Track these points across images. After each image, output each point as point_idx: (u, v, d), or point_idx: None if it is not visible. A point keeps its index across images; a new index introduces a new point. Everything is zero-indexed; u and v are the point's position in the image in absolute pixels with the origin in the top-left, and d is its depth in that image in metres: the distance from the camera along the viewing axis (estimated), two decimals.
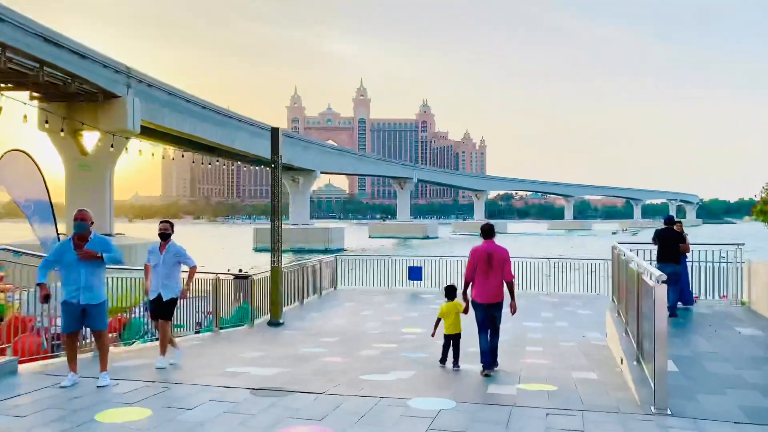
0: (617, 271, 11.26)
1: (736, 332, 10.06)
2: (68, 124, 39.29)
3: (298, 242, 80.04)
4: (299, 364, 8.68)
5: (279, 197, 15.73)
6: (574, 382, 7.51)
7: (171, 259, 8.36)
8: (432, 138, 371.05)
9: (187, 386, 6.81)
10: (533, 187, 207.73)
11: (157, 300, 8.26)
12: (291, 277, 18.10)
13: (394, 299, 19.33)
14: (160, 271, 8.24)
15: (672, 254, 11.30)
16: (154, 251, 8.37)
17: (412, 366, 8.67)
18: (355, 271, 23.38)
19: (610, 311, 11.54)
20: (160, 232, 8.39)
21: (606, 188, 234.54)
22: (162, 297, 8.24)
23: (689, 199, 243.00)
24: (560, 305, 18.18)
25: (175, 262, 8.40)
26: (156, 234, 8.57)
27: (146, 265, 8.47)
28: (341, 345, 11.08)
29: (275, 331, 13.86)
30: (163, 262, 8.27)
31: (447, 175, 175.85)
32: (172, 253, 8.40)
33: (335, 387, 6.91)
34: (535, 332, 13.61)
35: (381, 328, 14.08)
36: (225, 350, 10.36)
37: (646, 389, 6.40)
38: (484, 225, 8.58)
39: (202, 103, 54.65)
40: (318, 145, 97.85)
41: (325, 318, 16.23)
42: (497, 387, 7.12)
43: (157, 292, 8.23)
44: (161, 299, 8.25)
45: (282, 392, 6.61)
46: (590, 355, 10.18)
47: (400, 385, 7.13)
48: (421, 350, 10.54)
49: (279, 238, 15.51)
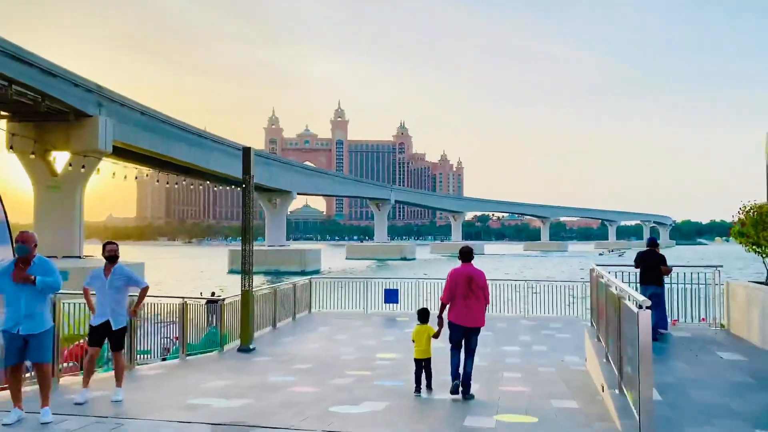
0: (596, 294, 11.01)
1: (718, 357, 9.83)
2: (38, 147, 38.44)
3: (274, 264, 79.07)
4: (266, 394, 8.22)
5: (251, 218, 15.29)
6: (555, 412, 7.18)
7: (118, 283, 7.82)
8: (409, 159, 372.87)
9: (142, 422, 6.31)
10: (509, 208, 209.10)
11: (104, 328, 7.68)
12: (263, 301, 17.59)
13: (370, 323, 18.88)
14: (108, 296, 7.68)
15: (654, 276, 11.10)
16: (98, 275, 7.78)
17: (386, 396, 8.26)
18: (330, 293, 22.91)
19: (589, 335, 11.26)
20: (108, 255, 7.83)
21: (581, 210, 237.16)
22: (111, 325, 7.68)
23: (663, 221, 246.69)
24: (538, 328, 17.91)
25: (124, 285, 7.88)
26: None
27: (85, 288, 7.98)
28: (313, 373, 10.62)
29: (245, 358, 13.32)
30: (109, 287, 7.71)
31: (424, 196, 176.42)
32: (120, 275, 7.86)
33: (302, 421, 6.47)
34: (513, 357, 13.30)
35: (355, 354, 13.64)
36: (189, 379, 9.83)
37: (630, 421, 6.07)
38: (464, 248, 8.54)
39: (176, 123, 53.98)
40: (295, 166, 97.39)
41: (298, 343, 15.73)
42: (475, 419, 6.75)
43: (103, 318, 7.66)
44: (109, 327, 7.68)
45: (245, 427, 6.16)
46: (570, 381, 9.87)
47: (371, 419, 6.71)
48: (395, 377, 10.13)
49: (250, 260, 15.04)
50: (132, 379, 9.72)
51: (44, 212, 40.75)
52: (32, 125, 39.10)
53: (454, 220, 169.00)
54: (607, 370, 8.30)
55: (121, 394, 7.53)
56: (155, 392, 8.44)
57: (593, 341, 10.60)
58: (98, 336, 7.64)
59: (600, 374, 8.73)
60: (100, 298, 7.64)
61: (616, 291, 7.84)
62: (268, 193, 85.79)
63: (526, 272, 74.25)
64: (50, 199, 40.87)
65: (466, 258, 8.38)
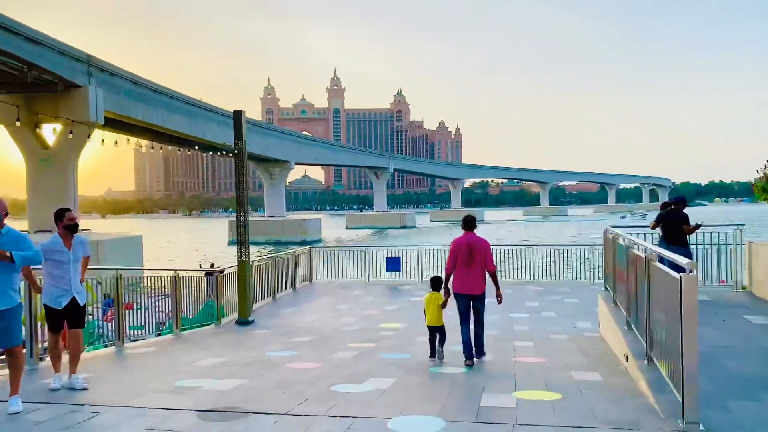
0: (612, 257, 10.33)
1: (746, 321, 9.19)
2: (27, 116, 37.33)
3: (275, 234, 78.60)
4: (263, 372, 7.58)
5: (244, 186, 14.53)
6: (578, 387, 6.53)
7: (79, 255, 6.97)
8: (407, 127, 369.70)
9: (121, 410, 5.65)
10: (509, 174, 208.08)
11: (71, 306, 6.82)
12: (262, 271, 16.99)
13: (372, 292, 18.29)
14: (72, 272, 6.80)
15: (678, 236, 10.37)
16: (59, 249, 6.76)
17: (392, 371, 7.62)
18: (331, 263, 22.35)
19: (604, 300, 10.63)
20: (70, 223, 6.87)
21: (580, 174, 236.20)
22: (78, 302, 6.86)
23: (662, 183, 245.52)
24: (545, 294, 17.36)
25: (81, 257, 7.04)
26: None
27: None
28: (313, 346, 9.99)
29: (243, 331, 12.73)
30: (73, 260, 6.84)
31: (423, 164, 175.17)
32: (81, 246, 6.99)
33: (301, 404, 5.82)
34: (523, 324, 12.72)
35: (358, 324, 13.05)
36: (181, 357, 9.19)
37: (666, 396, 5.43)
38: (466, 216, 8.58)
39: (170, 93, 52.69)
40: (292, 136, 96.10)
41: (298, 314, 15.15)
42: (492, 397, 6.09)
43: (69, 295, 6.78)
44: (76, 305, 6.85)
45: (236, 414, 5.50)
46: (586, 350, 9.27)
47: (378, 399, 6.06)
48: (401, 349, 9.52)
49: (246, 230, 14.35)
50: (119, 359, 9.10)
51: (37, 186, 39.87)
52: (21, 96, 37.93)
53: (453, 188, 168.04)
54: (632, 338, 7.65)
55: (80, 380, 6.66)
56: (141, 374, 7.79)
57: (610, 306, 9.98)
58: (61, 318, 6.81)
59: (622, 343, 8.09)
60: (59, 273, 6.73)
61: (644, 253, 7.16)
62: (265, 164, 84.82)
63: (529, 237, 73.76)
64: (43, 172, 39.94)
65: (469, 227, 8.40)
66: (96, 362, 8.60)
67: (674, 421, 4.94)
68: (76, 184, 41.72)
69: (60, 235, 6.86)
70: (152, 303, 13.93)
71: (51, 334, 6.97)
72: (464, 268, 8.18)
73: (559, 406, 5.69)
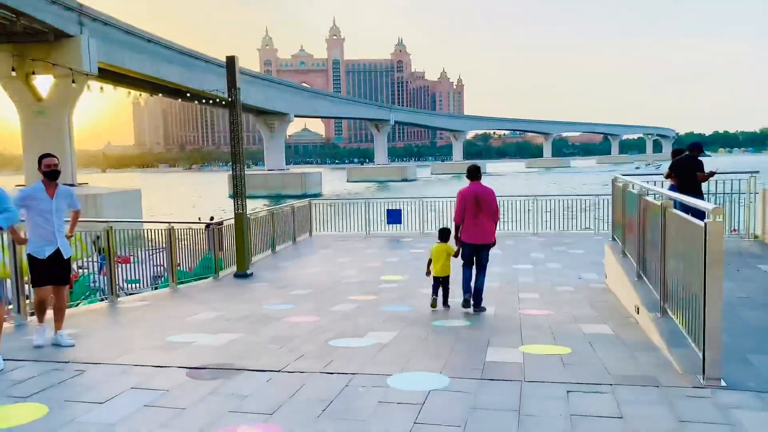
0: (621, 206, 9.94)
1: (761, 271, 8.86)
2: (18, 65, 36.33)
3: (275, 188, 78.25)
4: (259, 327, 7.29)
5: (240, 137, 14.04)
6: (588, 341, 6.23)
7: (64, 204, 6.52)
8: (408, 78, 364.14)
9: (107, 368, 5.35)
10: (511, 125, 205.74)
11: (54, 258, 6.40)
12: (261, 224, 16.69)
13: (373, 244, 18.00)
14: (55, 222, 6.37)
15: (692, 184, 9.90)
16: (41, 196, 6.32)
17: (393, 324, 7.33)
18: (331, 216, 22.03)
19: (611, 251, 10.29)
20: (49, 170, 6.41)
21: (584, 124, 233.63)
22: (62, 254, 6.45)
23: (665, 133, 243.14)
24: (549, 244, 17.07)
25: (66, 207, 6.62)
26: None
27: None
28: (312, 299, 9.72)
29: (241, 284, 12.47)
30: (56, 210, 6.39)
31: (424, 115, 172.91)
32: (65, 196, 6.54)
33: (297, 360, 5.52)
34: (527, 275, 12.44)
35: (358, 277, 12.77)
36: (175, 311, 8.92)
37: (683, 350, 5.12)
38: (471, 166, 8.55)
39: (164, 42, 51.40)
40: (292, 87, 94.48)
41: (298, 267, 14.88)
42: (497, 352, 5.79)
43: (53, 246, 6.37)
44: (60, 257, 6.43)
45: (229, 371, 5.20)
46: (593, 302, 8.98)
47: (378, 354, 5.76)
48: (402, 302, 9.24)
49: (242, 182, 13.94)
50: (111, 313, 8.82)
51: (32, 140, 39.28)
52: (11, 47, 36.94)
53: (455, 140, 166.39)
54: (643, 290, 7.33)
55: (66, 337, 6.34)
56: (132, 329, 7.51)
57: (618, 257, 9.64)
58: (44, 270, 6.35)
59: (632, 294, 7.78)
60: (42, 223, 6.31)
61: (659, 201, 6.76)
62: (264, 116, 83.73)
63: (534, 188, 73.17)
64: (38, 125, 39.30)
65: (474, 176, 8.38)
66: (87, 317, 8.32)
67: (694, 377, 4.64)
68: (72, 136, 41.10)
69: (42, 183, 6.44)
70: (149, 257, 13.64)
71: (34, 288, 6.60)
72: (472, 219, 8.22)
73: (568, 360, 5.39)
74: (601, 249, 14.42)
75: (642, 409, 4.09)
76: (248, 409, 4.25)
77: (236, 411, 4.23)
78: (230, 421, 4.05)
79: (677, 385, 4.55)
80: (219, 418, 4.10)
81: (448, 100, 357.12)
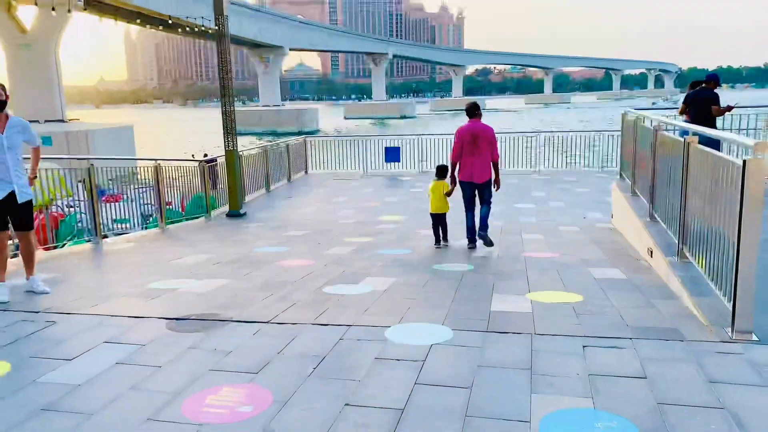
0: (632, 142, 9.38)
1: None
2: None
3: (271, 125, 76.98)
4: (248, 272, 6.86)
5: (228, 69, 13.27)
6: (600, 287, 5.81)
7: (17, 139, 5.67)
8: (407, 10, 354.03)
9: (80, 318, 4.93)
10: (512, 60, 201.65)
11: (10, 202, 5.65)
12: (255, 162, 16.13)
13: (371, 183, 17.49)
14: (8, 158, 5.54)
15: (706, 118, 9.32)
16: None
17: (391, 269, 6.90)
18: (327, 154, 21.44)
19: (619, 189, 9.81)
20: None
21: (585, 59, 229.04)
22: (16, 199, 5.69)
23: (668, 68, 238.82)
24: (552, 182, 16.60)
25: (21, 142, 5.75)
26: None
27: None
28: (307, 241, 9.28)
29: (233, 224, 12.03)
30: (8, 147, 5.56)
31: (423, 49, 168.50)
32: (18, 128, 5.67)
33: (287, 311, 5.10)
34: (529, 215, 12.02)
35: (355, 217, 12.33)
36: (161, 254, 8.48)
37: (707, 299, 4.70)
38: (469, 104, 8.36)
39: None
40: (286, 19, 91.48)
41: (293, 206, 14.43)
42: (504, 299, 5.37)
43: (8, 188, 5.59)
44: (13, 202, 5.68)
45: (213, 322, 4.79)
46: (600, 243, 8.56)
47: (375, 303, 5.34)
48: (401, 244, 8.80)
49: (232, 117, 13.28)
50: (94, 256, 8.38)
51: (19, 74, 38.05)
52: None
53: (454, 75, 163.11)
54: (657, 231, 6.87)
55: (39, 282, 5.78)
56: (113, 274, 7.07)
57: (626, 195, 9.18)
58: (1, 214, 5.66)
59: (644, 235, 7.33)
60: None
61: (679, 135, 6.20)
62: (258, 50, 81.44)
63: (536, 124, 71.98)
64: (23, 59, 37.97)
65: (472, 114, 8.21)
66: (68, 260, 7.88)
67: (721, 330, 4.22)
68: (60, 70, 39.82)
69: None
70: (139, 195, 13.13)
71: None
72: (469, 157, 8.10)
73: (582, 310, 4.97)
74: (606, 187, 13.95)
75: (667, 368, 3.68)
76: (231, 368, 3.84)
77: (218, 369, 3.82)
78: (210, 381, 3.64)
79: (703, 339, 4.13)
80: (198, 377, 3.69)
81: (447, 34, 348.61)
